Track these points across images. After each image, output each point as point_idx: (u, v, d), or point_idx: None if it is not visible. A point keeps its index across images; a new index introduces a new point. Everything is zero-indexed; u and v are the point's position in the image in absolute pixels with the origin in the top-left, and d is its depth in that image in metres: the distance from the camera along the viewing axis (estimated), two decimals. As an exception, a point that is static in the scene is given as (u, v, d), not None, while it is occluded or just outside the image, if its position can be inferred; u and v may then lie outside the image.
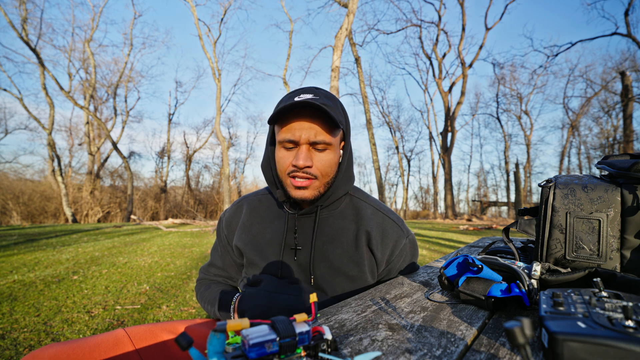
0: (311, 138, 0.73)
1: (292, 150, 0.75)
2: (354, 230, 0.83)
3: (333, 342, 0.39)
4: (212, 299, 0.86)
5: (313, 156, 0.75)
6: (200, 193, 25.40)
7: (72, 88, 18.83)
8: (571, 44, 16.79)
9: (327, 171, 0.77)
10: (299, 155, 0.73)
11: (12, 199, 14.88)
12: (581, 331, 0.33)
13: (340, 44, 10.16)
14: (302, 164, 0.73)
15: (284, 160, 0.76)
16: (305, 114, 0.73)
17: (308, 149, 0.74)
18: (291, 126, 0.73)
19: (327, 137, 0.74)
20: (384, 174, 30.67)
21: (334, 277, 0.80)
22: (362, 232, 0.83)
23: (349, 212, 0.86)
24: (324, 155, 0.76)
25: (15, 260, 4.47)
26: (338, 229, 0.83)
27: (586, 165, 24.17)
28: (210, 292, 0.89)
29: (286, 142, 0.74)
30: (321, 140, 0.74)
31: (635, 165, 0.57)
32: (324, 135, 0.74)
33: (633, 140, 14.44)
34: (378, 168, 15.63)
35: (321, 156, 0.76)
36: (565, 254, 0.61)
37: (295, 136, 0.73)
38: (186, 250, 5.73)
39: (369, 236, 0.83)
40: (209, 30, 16.47)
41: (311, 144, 0.74)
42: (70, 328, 2.24)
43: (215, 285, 0.93)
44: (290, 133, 0.73)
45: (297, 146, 0.75)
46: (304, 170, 0.74)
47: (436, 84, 20.54)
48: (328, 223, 0.84)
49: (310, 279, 0.79)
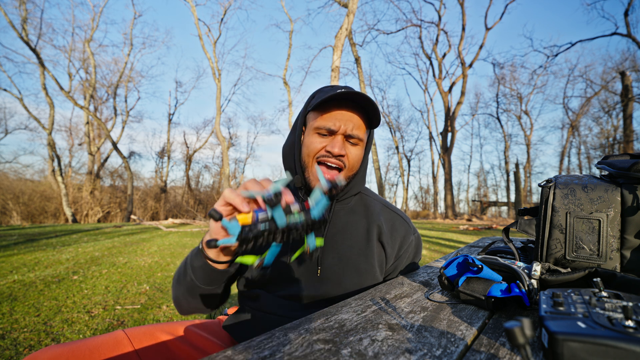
0: (348, 130, 0.76)
1: (326, 137, 0.77)
2: (365, 225, 0.84)
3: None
4: (181, 266, 0.76)
5: (346, 147, 0.78)
6: (200, 193, 25.40)
7: (72, 88, 18.85)
8: (571, 44, 16.80)
9: (354, 165, 0.80)
10: (334, 143, 0.76)
11: (12, 199, 14.88)
12: (581, 331, 0.33)
13: (340, 44, 10.16)
14: (337, 151, 0.75)
15: (315, 145, 0.77)
16: (348, 106, 0.76)
17: (343, 140, 0.77)
18: (332, 115, 0.76)
19: (361, 133, 0.78)
20: (384, 174, 30.68)
21: (343, 269, 0.79)
22: (373, 226, 0.84)
23: (359, 208, 0.88)
24: (355, 149, 0.79)
25: (15, 260, 4.47)
26: (349, 223, 0.84)
27: (586, 165, 24.20)
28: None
29: (324, 129, 0.76)
30: (356, 135, 0.77)
31: (635, 165, 0.57)
32: (359, 130, 0.77)
33: (633, 140, 14.44)
34: (378, 168, 15.63)
35: (352, 150, 0.79)
36: (565, 254, 0.61)
37: (335, 125, 0.75)
38: (186, 250, 5.73)
39: (380, 230, 0.84)
40: (209, 30, 16.49)
41: (346, 137, 0.77)
42: (70, 328, 2.24)
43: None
44: (330, 122, 0.76)
45: (332, 135, 0.77)
46: (337, 157, 0.77)
47: (436, 84, 20.54)
48: (339, 216, 0.85)
49: (317, 270, 0.78)
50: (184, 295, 0.73)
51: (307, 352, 0.40)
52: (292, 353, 0.40)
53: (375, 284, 0.81)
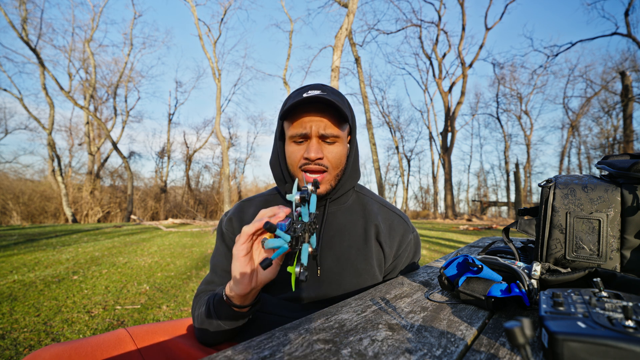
0: (321, 130, 0.75)
1: (302, 144, 0.77)
2: (363, 224, 0.84)
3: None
4: (205, 309, 0.75)
5: (323, 149, 0.77)
6: (200, 193, 25.40)
7: (72, 88, 18.84)
8: (571, 44, 16.79)
9: (337, 163, 0.79)
10: (310, 147, 0.76)
11: (12, 199, 14.88)
12: (581, 331, 0.33)
13: (340, 44, 10.16)
14: (313, 155, 0.75)
15: (294, 155, 0.78)
16: (314, 109, 0.75)
17: (318, 142, 0.77)
18: (301, 121, 0.76)
19: (335, 130, 0.77)
20: (384, 174, 30.68)
21: (342, 269, 0.79)
22: (370, 225, 0.84)
23: (357, 207, 0.88)
24: (334, 147, 0.78)
25: (15, 260, 4.47)
26: (346, 223, 0.84)
27: (586, 165, 24.19)
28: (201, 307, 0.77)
29: (297, 136, 0.76)
30: (330, 133, 0.76)
31: (635, 165, 0.57)
32: (333, 128, 0.77)
33: (633, 140, 14.43)
34: (378, 168, 15.63)
35: (331, 148, 0.78)
36: (565, 254, 0.61)
37: (305, 129, 0.75)
38: (186, 250, 5.73)
39: (377, 229, 0.84)
40: (209, 30, 16.48)
41: (321, 137, 0.77)
42: (70, 328, 2.24)
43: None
44: (300, 127, 0.76)
45: (307, 140, 0.77)
46: (315, 162, 0.76)
47: (436, 84, 20.54)
48: (336, 217, 0.85)
49: (317, 271, 0.79)
50: (213, 337, 0.73)
51: (307, 352, 0.40)
52: (292, 353, 0.40)
53: (374, 283, 0.81)
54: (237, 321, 0.69)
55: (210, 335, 0.73)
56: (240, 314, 0.68)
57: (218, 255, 0.88)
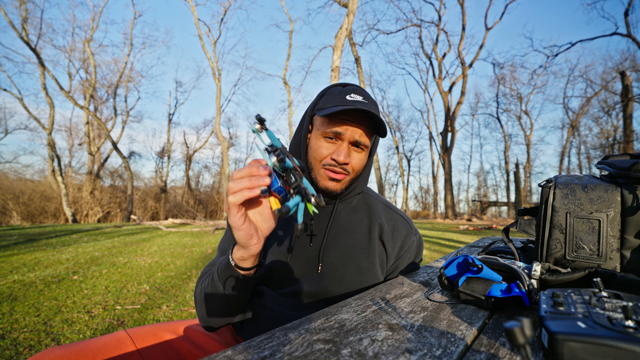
0: (356, 137, 0.77)
1: (332, 142, 0.78)
2: (367, 224, 0.85)
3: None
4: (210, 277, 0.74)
5: (350, 153, 0.79)
6: (200, 193, 25.40)
7: (72, 88, 18.84)
8: (571, 44, 16.79)
9: (357, 169, 0.82)
10: (340, 150, 0.76)
11: (12, 199, 14.87)
12: (581, 331, 0.33)
13: (340, 44, 10.16)
14: (342, 160, 0.76)
15: (322, 151, 0.78)
16: (356, 114, 0.76)
17: (349, 147, 0.78)
18: (339, 120, 0.77)
19: (367, 140, 0.79)
20: (384, 174, 30.68)
21: (344, 267, 0.79)
22: (375, 224, 0.85)
23: (362, 207, 0.89)
24: (360, 155, 0.80)
25: (15, 260, 4.47)
26: (352, 221, 0.85)
27: (586, 165, 24.20)
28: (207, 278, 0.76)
29: (330, 133, 0.77)
30: (363, 142, 0.78)
31: (635, 165, 0.57)
32: (366, 138, 0.79)
33: (633, 140, 14.43)
34: (378, 168, 15.64)
35: (357, 155, 0.80)
36: (565, 254, 0.61)
37: (341, 130, 0.76)
38: (186, 250, 5.73)
39: (381, 229, 0.85)
40: (209, 30, 16.49)
41: (352, 143, 0.78)
42: (70, 328, 2.24)
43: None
44: (337, 127, 0.76)
45: (339, 141, 0.78)
46: (342, 166, 0.78)
47: (436, 84, 20.54)
48: (342, 215, 0.86)
49: (318, 267, 0.78)
50: (216, 309, 0.72)
51: (307, 352, 0.40)
52: (292, 353, 0.40)
53: (375, 282, 0.81)
54: (241, 290, 0.68)
55: (213, 310, 0.71)
56: (246, 279, 0.66)
57: (228, 239, 0.88)
